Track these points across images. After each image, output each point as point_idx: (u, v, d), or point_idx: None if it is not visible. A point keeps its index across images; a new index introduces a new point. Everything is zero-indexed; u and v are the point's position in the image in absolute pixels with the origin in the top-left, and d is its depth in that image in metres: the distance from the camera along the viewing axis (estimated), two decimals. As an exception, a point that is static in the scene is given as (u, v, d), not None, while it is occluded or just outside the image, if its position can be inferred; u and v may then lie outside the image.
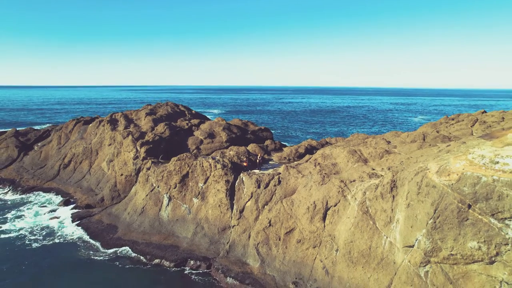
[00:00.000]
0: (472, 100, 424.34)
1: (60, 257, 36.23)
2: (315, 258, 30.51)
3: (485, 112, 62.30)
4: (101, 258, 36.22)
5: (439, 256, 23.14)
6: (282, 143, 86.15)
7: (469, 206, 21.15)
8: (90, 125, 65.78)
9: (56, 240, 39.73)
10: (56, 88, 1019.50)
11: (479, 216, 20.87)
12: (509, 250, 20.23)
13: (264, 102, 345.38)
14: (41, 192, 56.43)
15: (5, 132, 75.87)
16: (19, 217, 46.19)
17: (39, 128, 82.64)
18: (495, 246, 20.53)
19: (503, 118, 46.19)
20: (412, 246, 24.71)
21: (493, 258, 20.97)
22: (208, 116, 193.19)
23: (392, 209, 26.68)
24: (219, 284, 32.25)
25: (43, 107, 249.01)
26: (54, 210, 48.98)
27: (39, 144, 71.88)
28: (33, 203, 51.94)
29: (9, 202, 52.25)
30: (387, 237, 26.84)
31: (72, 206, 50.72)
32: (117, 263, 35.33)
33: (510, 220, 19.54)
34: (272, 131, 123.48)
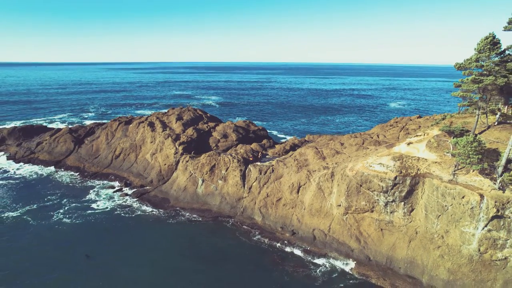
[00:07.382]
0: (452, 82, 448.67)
1: (141, 218, 59.80)
2: (293, 214, 54.85)
3: (420, 116, 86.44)
4: (165, 218, 59.90)
5: (351, 209, 47.54)
6: (274, 137, 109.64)
7: (361, 185, 45.32)
8: (131, 125, 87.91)
9: (134, 209, 63.13)
10: (45, 67, 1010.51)
11: (365, 190, 45.13)
12: (377, 204, 44.70)
13: (256, 86, 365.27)
14: (102, 176, 79.25)
15: (61, 129, 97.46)
16: (99, 195, 69.08)
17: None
18: (371, 203, 44.97)
19: (419, 126, 70.04)
20: (340, 205, 49.02)
21: (372, 209, 45.50)
22: (208, 103, 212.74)
23: (332, 187, 50.81)
24: (238, 228, 56.49)
25: (45, 97, 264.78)
26: (120, 190, 72.10)
27: (88, 138, 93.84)
28: (101, 185, 74.73)
29: (83, 185, 74.78)
30: (329, 201, 51.11)
31: (130, 186, 73.99)
32: (175, 220, 59.04)
33: (374, 191, 43.81)
34: (265, 123, 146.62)
